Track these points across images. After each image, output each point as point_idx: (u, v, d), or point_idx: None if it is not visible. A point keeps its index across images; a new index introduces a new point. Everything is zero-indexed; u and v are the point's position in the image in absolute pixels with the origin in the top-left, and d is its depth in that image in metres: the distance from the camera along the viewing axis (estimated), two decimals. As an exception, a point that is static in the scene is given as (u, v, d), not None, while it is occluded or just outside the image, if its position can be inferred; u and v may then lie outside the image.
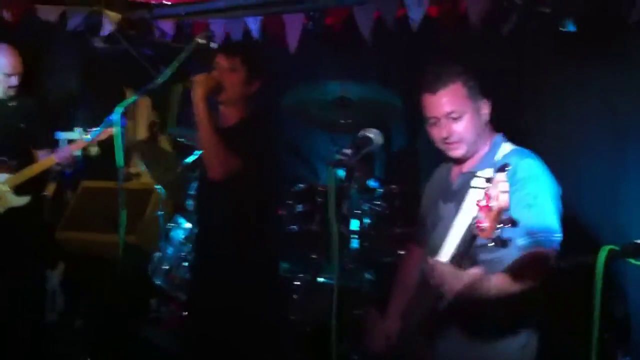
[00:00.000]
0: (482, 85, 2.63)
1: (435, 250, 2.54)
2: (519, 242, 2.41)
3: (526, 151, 2.62)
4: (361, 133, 2.68)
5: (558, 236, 2.44)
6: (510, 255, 2.39)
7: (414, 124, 4.34)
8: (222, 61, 3.20)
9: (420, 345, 2.61)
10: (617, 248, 1.93)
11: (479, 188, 2.22)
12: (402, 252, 3.58)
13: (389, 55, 4.56)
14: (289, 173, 4.39)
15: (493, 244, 2.05)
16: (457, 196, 2.59)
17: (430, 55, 4.27)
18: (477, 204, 2.04)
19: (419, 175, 4.33)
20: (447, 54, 4.13)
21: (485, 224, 2.02)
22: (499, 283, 2.30)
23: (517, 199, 2.37)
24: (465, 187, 2.47)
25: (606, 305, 3.38)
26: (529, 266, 2.36)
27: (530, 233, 2.39)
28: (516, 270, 2.34)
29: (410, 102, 3.99)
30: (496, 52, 4.00)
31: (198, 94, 3.10)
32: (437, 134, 2.63)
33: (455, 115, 2.57)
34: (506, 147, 2.65)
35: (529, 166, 2.52)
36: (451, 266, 2.22)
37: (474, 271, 2.20)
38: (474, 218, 2.08)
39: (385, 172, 4.52)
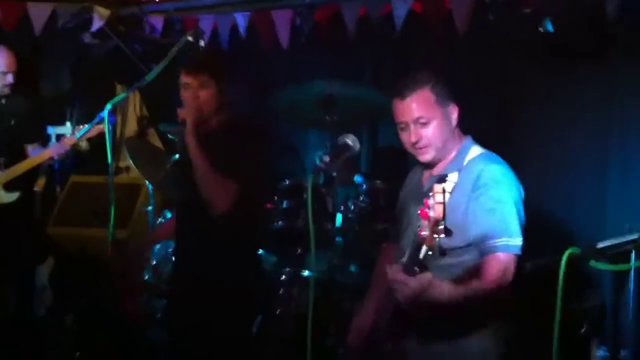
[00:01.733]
0: (451, 89, 2.68)
1: (404, 249, 2.58)
2: (480, 246, 2.48)
3: (493, 156, 2.67)
4: (339, 140, 2.77)
5: (518, 241, 2.49)
6: (470, 260, 2.49)
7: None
8: (189, 80, 3.15)
9: (389, 342, 2.65)
10: (577, 251, 1.98)
11: (447, 192, 2.24)
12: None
13: (375, 53, 4.59)
14: (277, 169, 4.41)
15: (431, 252, 2.12)
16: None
17: (415, 53, 4.33)
18: (419, 213, 2.11)
19: (403, 172, 4.37)
20: (430, 53, 4.19)
21: (426, 233, 2.10)
22: (452, 289, 2.34)
23: (480, 203, 2.52)
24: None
25: (580, 299, 3.49)
26: (487, 270, 2.44)
27: (490, 237, 2.46)
28: (472, 276, 2.42)
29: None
30: (476, 52, 4.05)
31: (189, 131, 3.05)
32: (406, 138, 2.68)
33: (423, 121, 2.61)
34: (474, 151, 2.70)
35: (493, 171, 2.57)
36: (401, 273, 2.24)
37: (425, 277, 2.20)
38: (418, 226, 2.14)
39: (370, 167, 4.57)
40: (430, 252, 2.13)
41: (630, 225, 3.19)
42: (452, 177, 2.39)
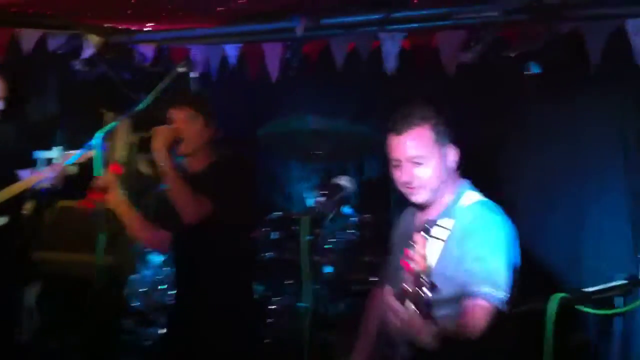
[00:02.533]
0: (452, 130, 2.57)
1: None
2: (465, 293, 2.37)
3: (489, 204, 2.56)
4: (333, 181, 2.79)
5: (503, 293, 2.37)
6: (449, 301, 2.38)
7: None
8: (176, 114, 3.25)
9: None
10: (566, 295, 2.03)
11: (439, 239, 2.26)
12: (373, 280, 3.75)
13: (364, 87, 4.68)
14: (265, 201, 4.49)
15: (414, 307, 2.02)
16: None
17: (404, 88, 4.44)
18: (401, 262, 2.05)
19: (392, 206, 4.47)
20: (419, 90, 4.30)
21: (409, 286, 2.04)
22: (437, 329, 2.21)
23: (468, 250, 2.41)
24: None
25: (564, 337, 3.59)
26: (471, 317, 2.32)
27: (475, 284, 2.36)
28: (460, 320, 2.32)
29: (385, 134, 4.16)
30: (466, 91, 4.15)
31: (157, 145, 3.19)
32: (399, 177, 2.55)
33: (419, 160, 2.49)
34: (470, 196, 2.58)
35: (485, 220, 2.46)
36: (395, 300, 2.17)
37: (415, 318, 2.10)
38: (401, 277, 2.08)
39: (359, 200, 4.65)
40: (414, 308, 2.03)
41: (608, 266, 3.33)
42: (447, 224, 2.38)
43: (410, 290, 2.02)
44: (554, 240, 3.89)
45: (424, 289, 1.98)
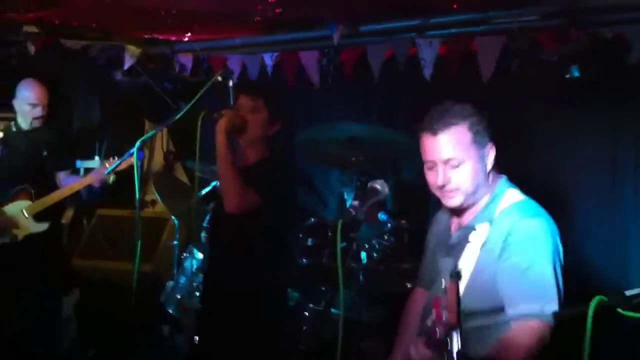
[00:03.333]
0: (491, 128, 2.38)
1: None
2: (510, 311, 2.20)
3: (529, 205, 2.36)
4: (368, 185, 2.69)
5: (554, 306, 2.21)
6: (497, 325, 2.24)
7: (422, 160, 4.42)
8: (245, 101, 3.25)
9: None
10: (604, 298, 1.94)
11: (476, 245, 2.17)
12: (410, 286, 3.70)
13: (400, 93, 4.65)
14: (301, 207, 4.47)
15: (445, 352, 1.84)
16: (454, 251, 2.42)
17: (440, 94, 4.38)
18: (433, 303, 1.92)
19: (428, 211, 4.41)
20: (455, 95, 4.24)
21: (440, 335, 1.89)
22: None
23: (512, 264, 2.22)
24: (462, 242, 2.37)
25: (605, 343, 3.48)
26: (519, 341, 2.17)
27: (523, 302, 2.20)
28: (504, 347, 2.18)
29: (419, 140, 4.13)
30: (503, 96, 4.10)
31: (221, 127, 3.16)
32: (433, 179, 2.35)
33: (455, 163, 2.30)
34: (509, 197, 2.38)
35: (527, 228, 2.26)
36: (423, 346, 2.08)
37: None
38: (429, 320, 1.96)
39: (395, 206, 4.60)
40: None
41: None
42: (482, 229, 2.29)
43: (441, 334, 1.87)
44: (601, 242, 3.80)
45: (454, 341, 1.80)
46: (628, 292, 2.10)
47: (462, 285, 2.19)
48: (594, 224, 3.83)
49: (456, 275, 1.84)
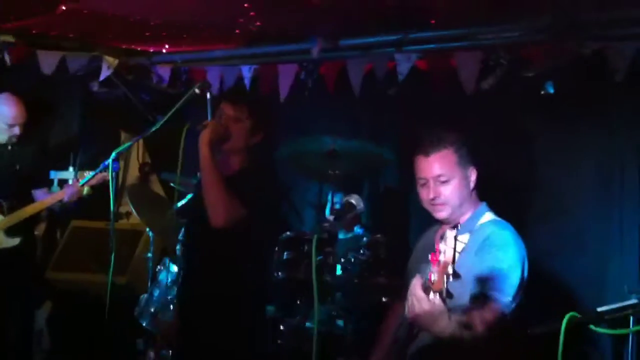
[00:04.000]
0: (473, 154, 2.82)
1: None
2: (473, 290, 2.55)
3: (503, 223, 2.79)
4: (344, 200, 2.88)
5: (509, 301, 2.57)
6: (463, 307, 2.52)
7: (403, 175, 4.43)
8: (228, 110, 3.21)
9: None
10: (577, 315, 2.07)
11: (458, 252, 2.29)
12: (385, 301, 3.70)
13: (380, 108, 4.66)
14: (279, 221, 4.45)
15: (438, 296, 2.17)
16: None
17: (420, 110, 4.41)
18: (431, 259, 2.18)
19: (405, 226, 4.43)
20: (435, 112, 4.28)
21: (435, 277, 2.17)
22: (455, 323, 2.37)
23: (484, 261, 2.61)
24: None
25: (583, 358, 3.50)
26: (481, 315, 2.48)
27: (486, 289, 2.55)
28: (471, 316, 2.47)
29: (400, 154, 4.13)
30: (481, 114, 4.12)
31: (204, 139, 3.11)
32: (425, 194, 2.80)
33: (443, 179, 2.75)
34: (487, 216, 2.82)
35: (503, 236, 2.68)
36: (420, 289, 2.27)
37: (437, 301, 2.22)
38: (428, 270, 2.21)
39: (371, 221, 4.60)
40: (439, 296, 2.18)
41: (629, 286, 3.28)
42: (463, 239, 2.49)
43: (437, 279, 2.16)
44: (574, 260, 3.86)
45: (450, 279, 2.13)
46: (599, 309, 2.15)
47: None
48: (574, 240, 3.89)
49: (455, 226, 2.17)
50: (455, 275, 2.12)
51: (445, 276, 2.13)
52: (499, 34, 3.78)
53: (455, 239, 2.13)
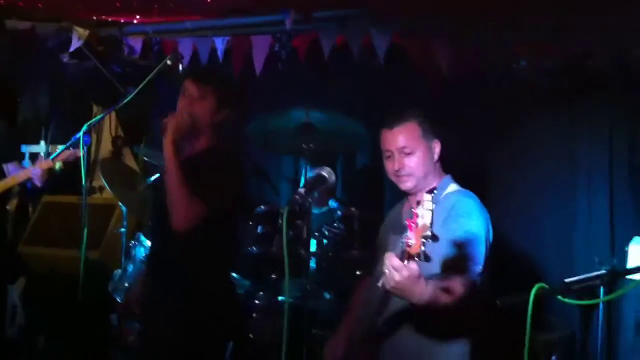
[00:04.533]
0: (435, 127, 2.86)
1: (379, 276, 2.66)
2: (446, 266, 2.61)
3: (468, 192, 2.84)
4: (315, 172, 2.87)
5: (479, 268, 2.64)
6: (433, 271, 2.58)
7: (376, 149, 4.42)
8: (191, 88, 3.14)
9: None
10: (546, 286, 2.07)
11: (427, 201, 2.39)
12: (360, 274, 3.72)
13: (354, 82, 4.64)
14: (252, 195, 4.43)
15: (417, 258, 2.21)
16: (404, 228, 2.66)
17: (394, 82, 4.40)
18: (408, 224, 2.20)
19: (378, 199, 4.43)
20: (409, 85, 4.28)
21: (413, 240, 2.19)
22: (432, 291, 2.41)
23: (451, 230, 2.65)
24: None
25: (550, 330, 3.57)
26: (452, 283, 2.52)
27: (457, 260, 2.60)
28: (445, 283, 2.52)
29: (373, 127, 4.12)
30: (455, 88, 4.13)
31: (168, 138, 3.01)
32: (390, 166, 2.85)
33: (407, 151, 2.79)
34: (452, 187, 2.87)
35: (466, 204, 2.75)
36: (396, 259, 2.29)
37: (414, 267, 2.26)
38: (404, 236, 2.23)
39: (346, 194, 4.60)
40: (417, 259, 2.21)
41: (599, 258, 3.33)
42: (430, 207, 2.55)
43: (414, 242, 2.17)
44: (544, 232, 3.93)
45: (429, 240, 2.16)
46: (567, 280, 2.18)
47: None
48: (545, 215, 3.94)
49: (430, 190, 2.22)
50: (434, 237, 2.15)
51: (423, 239, 2.15)
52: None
53: (432, 200, 2.15)
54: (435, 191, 2.23)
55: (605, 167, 3.76)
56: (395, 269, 2.28)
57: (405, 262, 2.24)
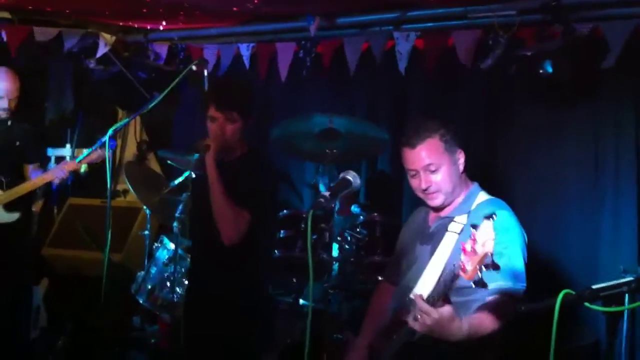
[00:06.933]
0: (459, 137, 2.77)
1: (409, 287, 2.68)
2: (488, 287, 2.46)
3: (500, 202, 2.76)
4: (340, 176, 2.83)
5: (523, 285, 2.57)
6: (477, 300, 2.54)
7: (399, 155, 4.43)
8: (217, 115, 3.16)
9: None
10: (572, 292, 2.03)
11: (454, 232, 2.47)
12: (381, 279, 3.71)
13: (377, 87, 4.65)
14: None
15: (473, 285, 2.14)
16: (433, 239, 2.74)
17: (416, 88, 4.40)
18: (463, 248, 2.13)
19: (400, 205, 4.43)
20: (430, 91, 4.27)
21: (470, 267, 2.11)
22: (467, 325, 2.39)
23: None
24: (441, 230, 2.73)
25: (576, 337, 3.53)
26: (496, 310, 2.47)
27: (498, 280, 2.48)
28: (485, 314, 2.47)
29: (396, 134, 4.13)
30: (477, 93, 4.12)
31: (210, 160, 3.11)
32: (416, 185, 2.77)
33: (433, 168, 2.71)
34: (482, 196, 2.78)
35: (502, 217, 2.58)
36: (425, 303, 2.30)
37: (446, 310, 2.28)
38: (458, 260, 2.16)
39: (368, 199, 4.59)
40: (472, 286, 2.16)
41: (625, 266, 3.30)
42: (460, 219, 2.61)
43: (471, 268, 2.11)
44: (569, 239, 3.89)
45: (490, 269, 2.09)
46: (594, 286, 2.15)
47: (441, 267, 2.52)
48: (570, 221, 3.91)
49: (488, 217, 2.10)
50: (495, 266, 2.09)
51: (483, 266, 2.09)
52: (496, 12, 3.78)
53: (492, 226, 2.07)
54: (494, 217, 2.11)
55: (632, 171, 3.70)
56: (425, 313, 2.27)
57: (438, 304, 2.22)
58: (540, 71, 3.50)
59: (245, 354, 3.28)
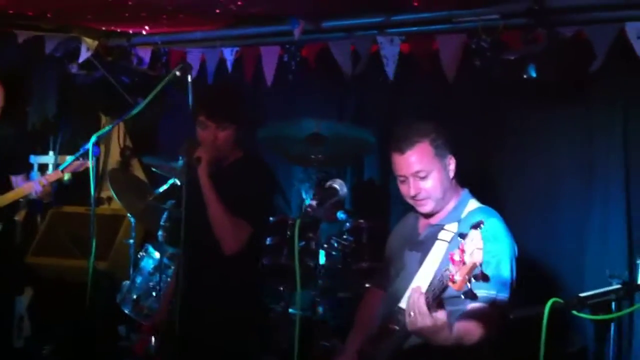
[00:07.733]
0: (449, 142, 2.72)
1: (397, 294, 2.65)
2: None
3: (490, 210, 2.72)
4: (327, 184, 2.81)
5: (506, 294, 2.54)
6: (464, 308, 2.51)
7: (385, 160, 4.41)
8: (208, 124, 3.12)
9: None
10: (560, 301, 2.04)
11: (444, 241, 2.45)
12: (368, 286, 3.68)
13: (362, 90, 4.62)
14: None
15: (463, 296, 2.12)
16: (422, 246, 2.70)
17: (403, 91, 4.37)
18: (451, 258, 2.10)
19: (387, 211, 4.40)
20: (417, 93, 4.25)
21: (458, 277, 2.08)
22: (455, 333, 2.37)
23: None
24: (431, 238, 2.70)
25: (563, 344, 3.53)
26: (481, 318, 2.46)
27: (484, 288, 2.44)
28: (472, 322, 2.45)
29: (383, 138, 4.11)
30: (467, 94, 4.10)
31: (203, 172, 3.05)
32: (406, 191, 2.72)
33: (422, 175, 2.66)
34: (472, 204, 2.74)
35: (490, 226, 2.56)
36: (424, 302, 2.27)
37: (440, 315, 2.26)
38: (446, 270, 2.14)
39: (354, 206, 4.57)
40: (461, 297, 2.14)
41: (610, 270, 3.29)
42: (451, 227, 2.58)
43: (459, 279, 2.08)
44: (558, 243, 3.89)
45: (479, 280, 2.06)
46: (582, 294, 2.15)
47: (430, 276, 2.47)
48: (559, 225, 3.90)
49: (475, 227, 2.06)
50: (485, 277, 2.05)
51: (472, 277, 2.06)
52: (480, 17, 3.76)
53: (480, 235, 2.04)
54: (481, 225, 2.07)
55: (621, 175, 3.68)
56: (420, 315, 2.25)
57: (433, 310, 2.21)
58: (525, 76, 3.48)
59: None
